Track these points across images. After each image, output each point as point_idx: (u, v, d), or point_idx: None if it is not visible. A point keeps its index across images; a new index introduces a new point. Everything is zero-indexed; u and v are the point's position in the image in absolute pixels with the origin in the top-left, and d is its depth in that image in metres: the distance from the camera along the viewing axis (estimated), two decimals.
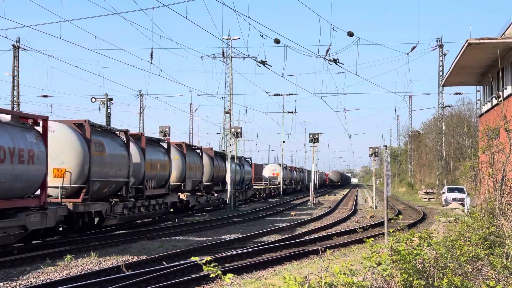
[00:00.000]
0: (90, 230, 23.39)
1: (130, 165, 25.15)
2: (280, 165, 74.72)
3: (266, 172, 72.43)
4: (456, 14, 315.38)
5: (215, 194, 40.46)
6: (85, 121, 22.19)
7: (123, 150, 24.81)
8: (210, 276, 5.24)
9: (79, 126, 22.09)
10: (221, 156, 45.03)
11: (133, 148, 26.12)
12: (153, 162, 28.79)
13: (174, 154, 32.68)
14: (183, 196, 33.52)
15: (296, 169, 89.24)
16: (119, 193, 25.12)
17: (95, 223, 23.60)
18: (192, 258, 5.55)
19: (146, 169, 27.37)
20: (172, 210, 32.89)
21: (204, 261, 5.22)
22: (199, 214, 35.75)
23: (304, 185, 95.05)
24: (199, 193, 37.09)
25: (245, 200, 51.45)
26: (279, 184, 70.20)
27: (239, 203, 46.12)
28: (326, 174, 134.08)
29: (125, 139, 25.53)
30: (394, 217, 10.68)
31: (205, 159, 39.15)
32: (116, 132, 25.60)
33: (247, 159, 55.96)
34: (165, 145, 31.93)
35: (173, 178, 32.25)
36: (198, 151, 38.79)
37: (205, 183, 38.61)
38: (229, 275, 5.28)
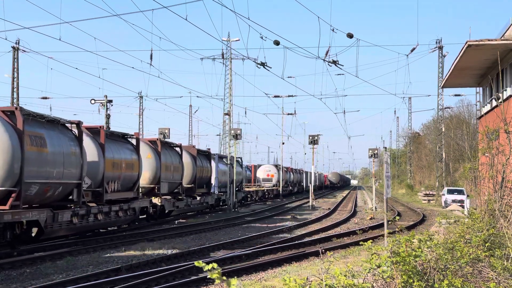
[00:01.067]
0: (26, 244, 19.10)
1: (83, 164, 21.26)
2: (275, 166, 72.37)
3: (260, 174, 69.64)
4: (456, 16, 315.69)
5: (198, 198, 36.28)
6: (16, 108, 18.38)
7: (73, 146, 20.85)
8: (216, 282, 5.22)
9: (9, 115, 17.95)
10: (205, 155, 40.58)
11: (88, 143, 22.45)
12: (116, 160, 24.43)
13: (147, 152, 29.12)
14: (156, 200, 29.24)
15: (292, 170, 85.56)
16: (70, 197, 21.11)
17: (33, 235, 19.31)
18: (196, 264, 5.51)
19: (106, 168, 23.22)
20: (144, 216, 29.62)
21: (209, 266, 5.19)
22: (198, 215, 35.65)
23: (301, 187, 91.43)
24: (179, 197, 33.30)
25: (234, 204, 47.54)
26: (274, 186, 67.63)
27: (222, 206, 43.48)
28: (325, 175, 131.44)
29: (77, 132, 21.77)
30: (394, 219, 10.68)
31: (186, 158, 35.32)
32: (66, 124, 21.60)
33: (237, 159, 51.25)
34: (134, 141, 27.61)
35: (145, 180, 28.86)
36: (177, 149, 34.49)
37: (185, 185, 34.75)
38: (234, 282, 5.26)
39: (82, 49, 58.54)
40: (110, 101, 45.81)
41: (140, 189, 27.90)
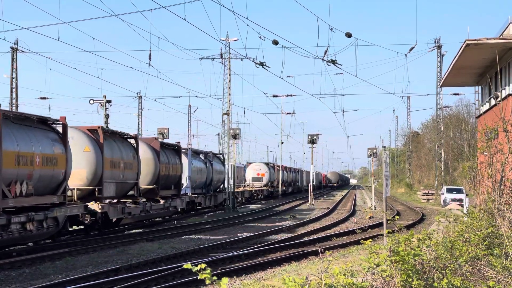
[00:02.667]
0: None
1: None
2: (266, 164, 66.50)
3: (250, 173, 63.48)
4: (454, 15, 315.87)
5: (162, 202, 29.42)
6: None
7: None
8: (207, 283, 5.23)
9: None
10: (174, 149, 33.68)
11: None
12: (24, 154, 17.81)
13: (83, 143, 22.71)
14: (95, 206, 22.50)
15: (287, 169, 78.76)
16: None
17: None
18: (185, 266, 5.53)
19: (4, 164, 16.85)
20: (82, 227, 23.74)
21: (198, 268, 5.20)
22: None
23: (296, 187, 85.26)
24: (136, 201, 26.48)
25: (215, 207, 41.90)
26: (264, 186, 62.02)
27: (199, 210, 38.74)
28: (323, 174, 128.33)
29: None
30: (393, 218, 10.68)
31: (145, 152, 28.53)
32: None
33: (218, 156, 45.42)
34: (60, 129, 20.74)
35: (81, 180, 22.58)
36: (132, 141, 27.21)
37: (144, 187, 28.23)
38: (225, 280, 5.26)
39: (80, 49, 58.57)
40: (109, 101, 45.74)
41: (72, 191, 21.95)
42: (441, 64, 54.15)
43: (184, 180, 34.46)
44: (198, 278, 5.18)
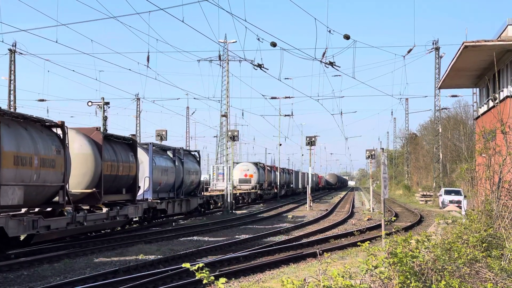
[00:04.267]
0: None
1: None
2: (255, 164, 59.26)
3: (236, 174, 54.90)
4: (452, 17, 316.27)
5: (104, 210, 22.56)
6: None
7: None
8: (204, 282, 5.24)
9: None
10: (127, 144, 26.33)
11: None
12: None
13: None
14: None
15: (279, 170, 72.01)
16: None
17: None
18: (184, 265, 5.54)
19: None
20: None
21: (196, 267, 5.21)
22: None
23: (290, 189, 78.49)
24: (61, 210, 20.00)
25: (188, 214, 35.59)
26: (252, 188, 55.31)
27: (163, 219, 31.94)
28: (319, 176, 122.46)
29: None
30: (391, 220, 10.71)
31: (81, 147, 22.13)
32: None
33: (193, 153, 38.73)
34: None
35: None
36: (57, 130, 20.34)
37: (78, 191, 21.84)
38: (222, 280, 5.28)
39: (79, 51, 58.58)
40: (107, 103, 45.74)
41: None
42: (439, 66, 54.25)
43: (143, 182, 27.72)
44: (196, 278, 5.20)
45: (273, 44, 22.44)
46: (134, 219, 28.34)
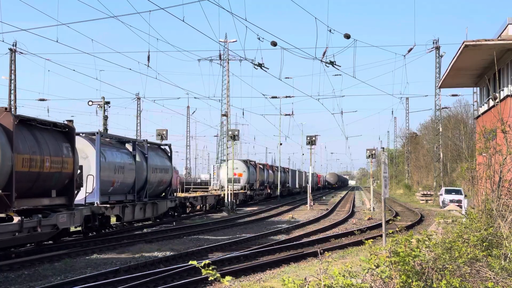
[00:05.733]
0: None
1: None
2: (245, 162, 53.55)
3: (224, 173, 50.28)
4: (453, 16, 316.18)
5: (16, 219, 16.72)
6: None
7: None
8: (209, 279, 5.25)
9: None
10: (61, 132, 20.30)
11: None
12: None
13: None
14: None
15: (273, 168, 68.38)
16: None
17: None
18: (191, 262, 5.54)
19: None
20: None
21: (202, 264, 5.22)
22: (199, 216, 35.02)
23: (286, 189, 73.67)
24: None
25: (156, 219, 30.46)
26: (242, 189, 49.62)
27: (110, 229, 25.24)
28: (318, 175, 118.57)
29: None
30: (392, 219, 10.70)
31: None
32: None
33: (162, 147, 32.56)
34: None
35: None
36: None
37: None
38: (228, 278, 5.29)
39: (79, 50, 58.56)
40: (108, 103, 45.77)
41: None
42: (439, 65, 54.25)
43: (86, 182, 22.20)
44: (197, 277, 5.22)
45: (274, 44, 22.45)
46: (73, 229, 22.70)
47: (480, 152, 14.55)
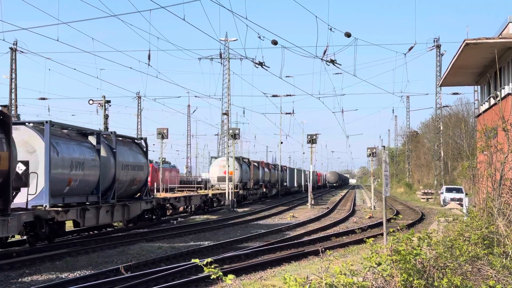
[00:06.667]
0: None
1: None
2: (237, 159, 49.52)
3: (214, 171, 49.05)
4: (453, 15, 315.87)
5: None
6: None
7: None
8: (211, 278, 5.25)
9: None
10: None
11: None
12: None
13: None
14: None
15: (269, 166, 64.84)
16: None
17: None
18: (193, 260, 5.53)
19: None
20: None
21: (204, 262, 5.22)
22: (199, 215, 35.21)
23: (283, 188, 70.66)
24: None
25: (128, 223, 27.50)
26: (234, 188, 44.58)
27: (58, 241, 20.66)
28: (318, 174, 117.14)
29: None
30: (393, 217, 10.70)
31: None
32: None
33: (137, 141, 29.42)
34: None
35: None
36: None
37: None
38: (230, 276, 5.29)
39: (80, 49, 58.55)
40: (108, 102, 45.72)
41: None
42: (440, 64, 54.20)
43: (30, 181, 18.41)
44: (198, 276, 5.21)
45: (274, 42, 22.43)
46: (10, 239, 19.29)
47: (481, 150, 14.54)
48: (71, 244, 20.38)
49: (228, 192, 41.54)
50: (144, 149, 29.00)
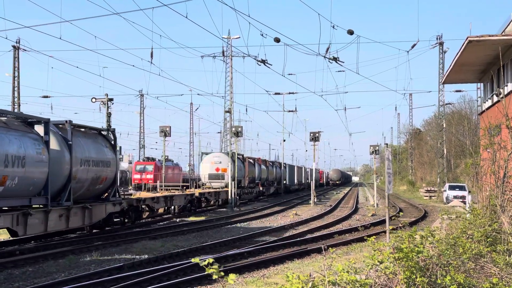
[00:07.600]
0: None
1: None
2: (230, 155, 44.84)
3: (206, 168, 45.66)
4: (456, 12, 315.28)
5: None
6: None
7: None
8: (213, 278, 5.23)
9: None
10: None
11: None
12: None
13: None
14: None
15: (266, 163, 60.69)
16: None
17: None
18: (193, 260, 5.52)
19: None
20: None
21: (205, 262, 5.20)
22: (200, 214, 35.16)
23: (281, 186, 66.48)
24: None
25: (91, 228, 23.73)
26: (225, 187, 42.68)
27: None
28: (320, 171, 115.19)
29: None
30: (396, 215, 10.70)
31: None
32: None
33: (103, 132, 24.92)
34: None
35: None
36: None
37: None
38: (232, 276, 5.27)
39: (82, 47, 58.56)
40: (111, 100, 45.74)
41: None
42: (443, 61, 54.09)
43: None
44: (200, 274, 5.20)
45: (277, 40, 22.41)
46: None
47: (484, 147, 14.52)
48: (74, 242, 20.40)
49: (231, 190, 41.51)
50: (112, 142, 24.69)
